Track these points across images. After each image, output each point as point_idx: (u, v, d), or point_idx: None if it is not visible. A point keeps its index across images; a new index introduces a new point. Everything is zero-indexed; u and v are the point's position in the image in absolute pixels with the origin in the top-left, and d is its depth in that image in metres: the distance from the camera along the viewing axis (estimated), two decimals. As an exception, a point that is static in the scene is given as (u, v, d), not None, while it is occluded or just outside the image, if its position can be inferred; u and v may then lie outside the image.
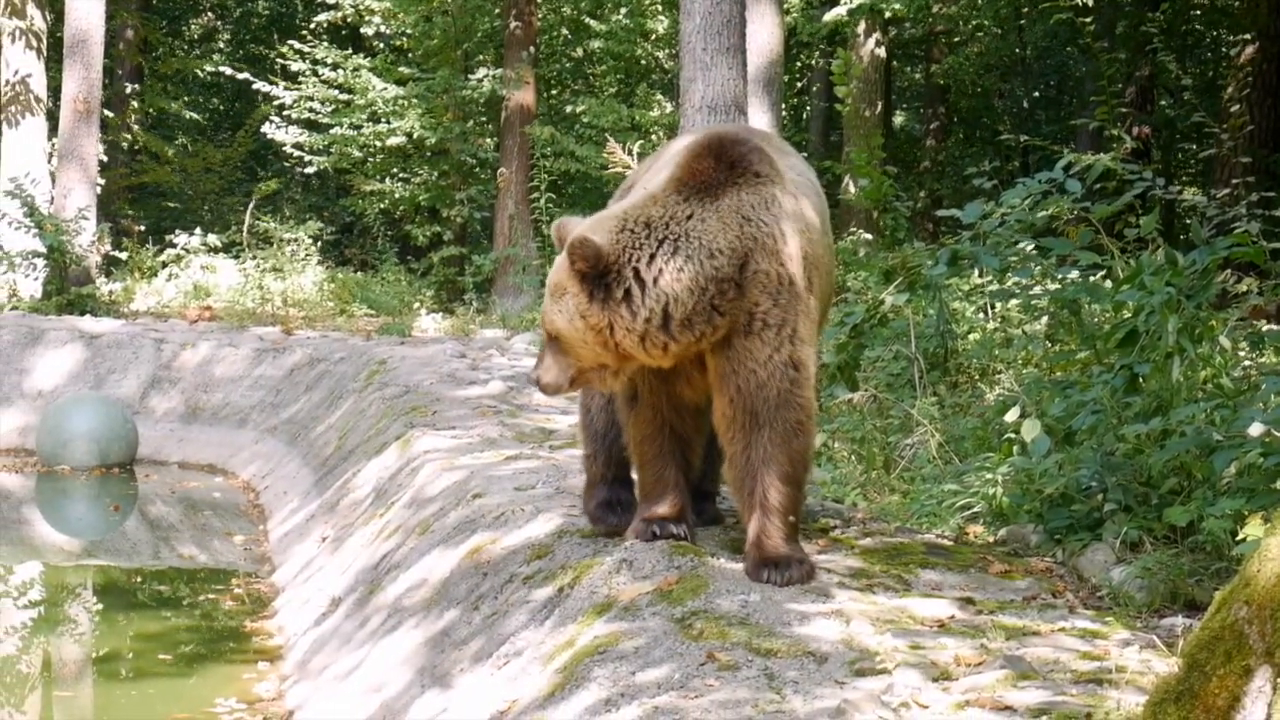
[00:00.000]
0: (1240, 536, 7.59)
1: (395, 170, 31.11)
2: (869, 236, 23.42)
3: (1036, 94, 42.21)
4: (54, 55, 30.24)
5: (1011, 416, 10.16)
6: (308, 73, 30.82)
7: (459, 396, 15.74)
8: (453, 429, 13.69)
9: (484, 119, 32.17)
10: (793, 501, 7.84)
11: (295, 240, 29.79)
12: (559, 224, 7.74)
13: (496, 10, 31.01)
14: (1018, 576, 8.19)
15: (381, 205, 31.50)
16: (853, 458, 12.22)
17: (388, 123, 30.05)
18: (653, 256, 7.41)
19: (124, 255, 30.21)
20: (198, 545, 15.88)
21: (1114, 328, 10.00)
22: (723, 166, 7.68)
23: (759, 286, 7.58)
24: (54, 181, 28.05)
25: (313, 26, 34.86)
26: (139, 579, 14.28)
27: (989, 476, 9.83)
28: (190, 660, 11.41)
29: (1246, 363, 10.87)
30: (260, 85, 31.56)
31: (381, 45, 33.69)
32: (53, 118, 29.43)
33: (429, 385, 16.56)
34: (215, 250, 30.12)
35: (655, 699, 6.39)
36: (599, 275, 7.38)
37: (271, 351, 21.59)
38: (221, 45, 41.94)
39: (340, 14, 31.89)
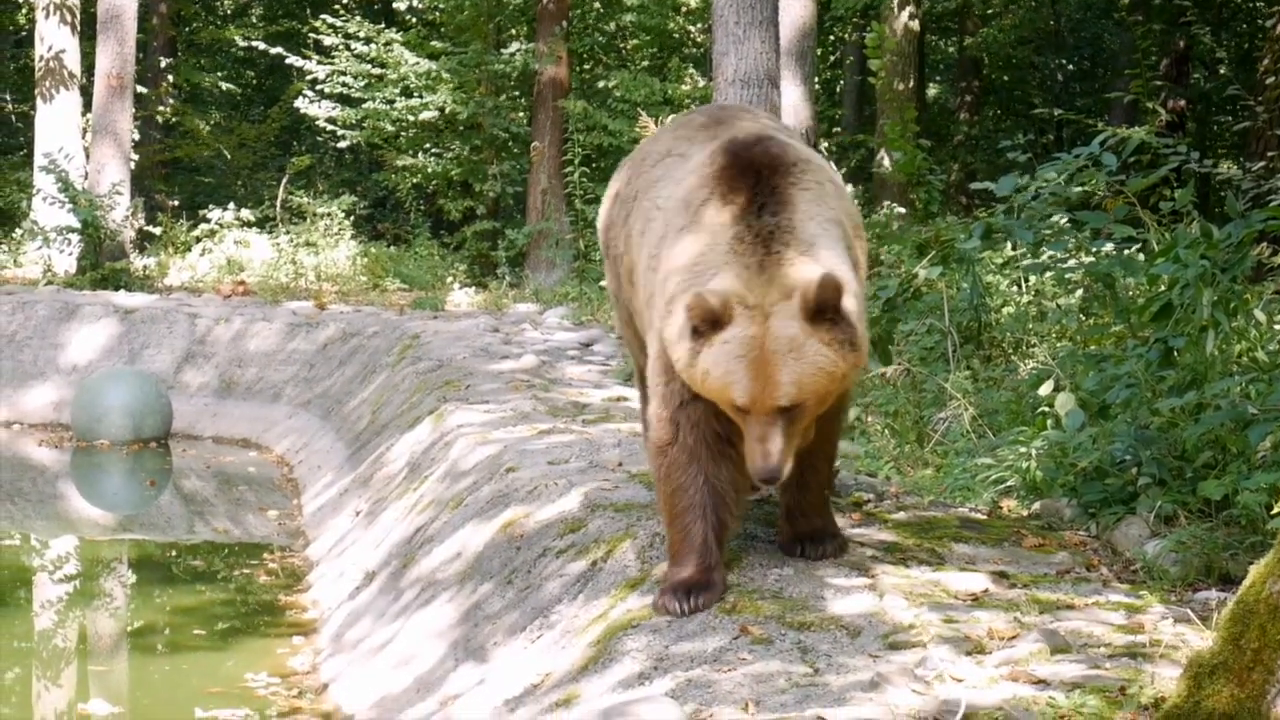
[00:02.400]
0: (1275, 510, 7.57)
1: (428, 145, 31.09)
2: (902, 210, 23.35)
3: (1071, 67, 42.06)
4: (88, 30, 30.27)
5: (1045, 390, 10.14)
6: (340, 47, 30.81)
7: (492, 371, 15.75)
8: (486, 403, 13.70)
9: (516, 93, 32.14)
10: (827, 477, 7.79)
11: (328, 215, 29.81)
12: (699, 298, 6.74)
13: (529, -16, 31.00)
14: (1052, 550, 8.18)
15: (414, 180, 31.48)
16: (886, 432, 12.21)
17: (420, 97, 30.03)
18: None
19: (158, 230, 30.28)
20: (232, 519, 15.93)
21: (1148, 301, 9.98)
22: (766, 176, 7.14)
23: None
24: (88, 157, 28.08)
25: (345, 1, 34.87)
26: (174, 553, 14.33)
27: (1023, 450, 9.82)
28: (225, 634, 11.44)
29: (1282, 336, 10.83)
30: (293, 60, 31.57)
31: (414, 19, 33.64)
32: (86, 93, 29.45)
33: (462, 359, 16.57)
34: (249, 225, 30.15)
35: (689, 672, 6.40)
36: (839, 312, 6.77)
37: (305, 326, 21.63)
38: (254, 20, 41.91)
39: (372, -12, 31.95)
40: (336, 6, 33.72)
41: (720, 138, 7.60)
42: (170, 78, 37.60)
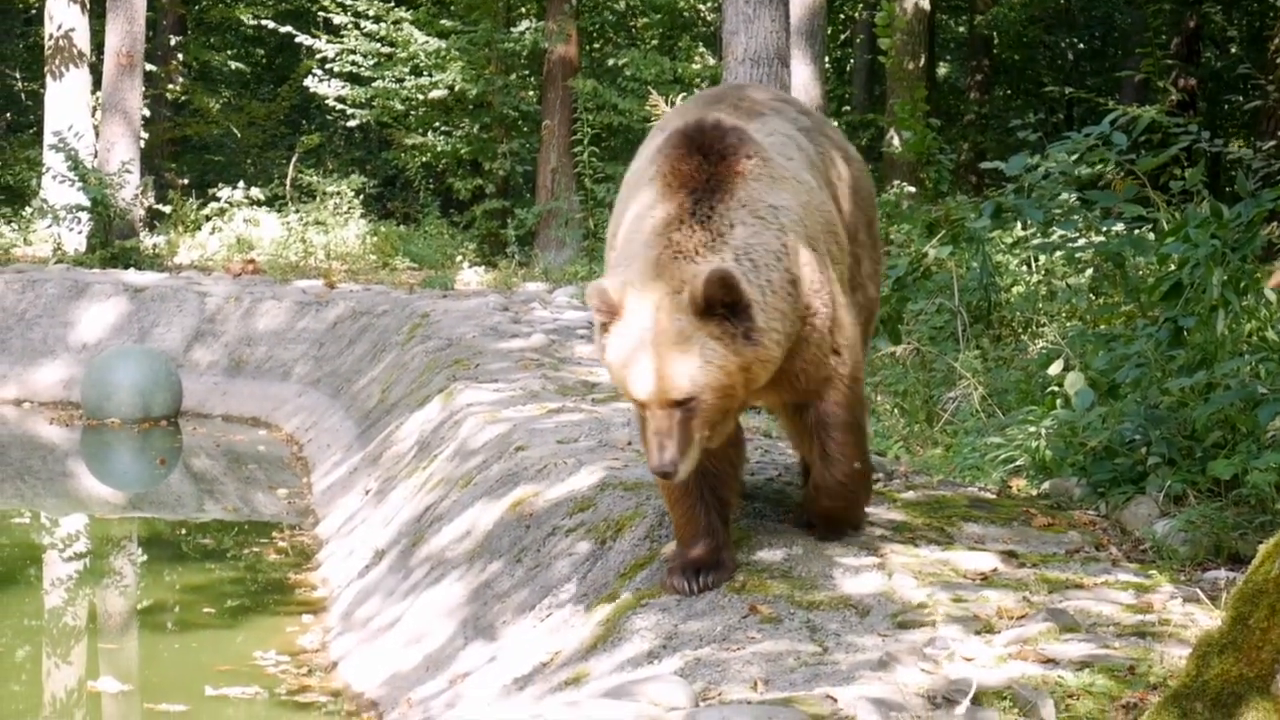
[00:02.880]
0: (1285, 490, 7.58)
1: (437, 123, 31.06)
2: (912, 189, 23.34)
3: (1081, 46, 41.99)
4: (97, 8, 30.26)
5: (1055, 369, 10.16)
6: (350, 25, 30.79)
7: (501, 349, 15.76)
8: (495, 382, 13.71)
9: (526, 72, 32.11)
10: (848, 457, 7.51)
11: (338, 194, 29.83)
12: (598, 289, 6.81)
13: (539, -38, 30.97)
14: (1061, 530, 8.18)
15: (423, 158, 31.46)
16: (895, 411, 12.23)
17: (429, 75, 30.00)
18: (745, 276, 6.77)
19: (168, 208, 30.29)
20: (242, 498, 15.95)
21: (1158, 280, 9.97)
22: (713, 162, 7.06)
23: (805, 281, 7.08)
24: (98, 135, 28.09)
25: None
26: (183, 531, 14.34)
27: (1032, 430, 9.82)
28: (234, 612, 11.46)
29: (1292, 315, 10.81)
30: (303, 38, 31.55)
31: (423, -3, 33.62)
32: (96, 71, 29.46)
33: (471, 338, 16.58)
34: (258, 204, 30.18)
35: (697, 651, 6.41)
36: (733, 308, 6.67)
37: (314, 305, 21.64)
38: (264, -2, 41.93)
39: (382, -34, 31.86)
40: (346, -16, 33.68)
41: (680, 129, 7.40)
42: (180, 56, 37.61)
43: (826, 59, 28.61)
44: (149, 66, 31.37)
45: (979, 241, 13.27)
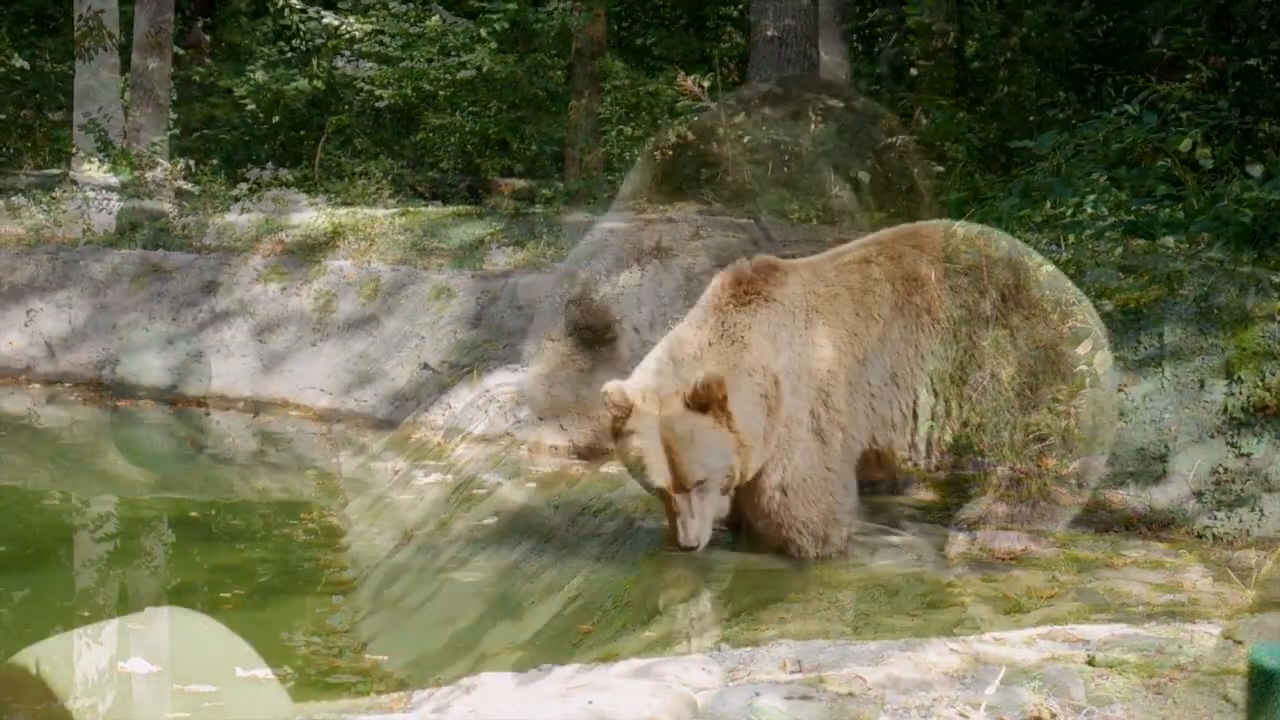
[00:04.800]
0: (1316, 468, 7.55)
1: (465, 104, 31.03)
2: (940, 168, 23.25)
3: (1111, 23, 41.83)
4: (126, -10, 30.30)
5: (1084, 349, 10.11)
6: (378, 6, 30.78)
7: (531, 329, 15.74)
8: (524, 362, 13.71)
9: (554, 52, 32.07)
10: None
11: (366, 174, 29.82)
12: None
13: (565, -59, 30.91)
14: (1090, 509, 8.16)
15: (451, 139, 31.44)
16: (925, 389, 12.17)
17: (458, 56, 29.97)
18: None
19: (196, 189, 30.33)
20: (271, 478, 15.96)
21: (1189, 258, 9.93)
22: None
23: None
24: (126, 116, 28.12)
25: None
26: (213, 512, 14.35)
27: (1061, 408, 9.78)
28: (264, 593, 11.46)
29: (1323, 293, 10.76)
30: (331, 18, 31.53)
31: (451, -23, 33.60)
32: (125, 52, 29.50)
33: (500, 318, 16.57)
34: (286, 184, 30.16)
35: (727, 630, 6.40)
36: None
37: (343, 285, 21.64)
38: (292, -22, 41.92)
39: (410, -54, 31.85)
40: (374, -35, 33.68)
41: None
42: (207, 37, 37.61)
43: (854, 37, 28.53)
44: (177, 48, 31.39)
45: (1008, 220, 13.22)
